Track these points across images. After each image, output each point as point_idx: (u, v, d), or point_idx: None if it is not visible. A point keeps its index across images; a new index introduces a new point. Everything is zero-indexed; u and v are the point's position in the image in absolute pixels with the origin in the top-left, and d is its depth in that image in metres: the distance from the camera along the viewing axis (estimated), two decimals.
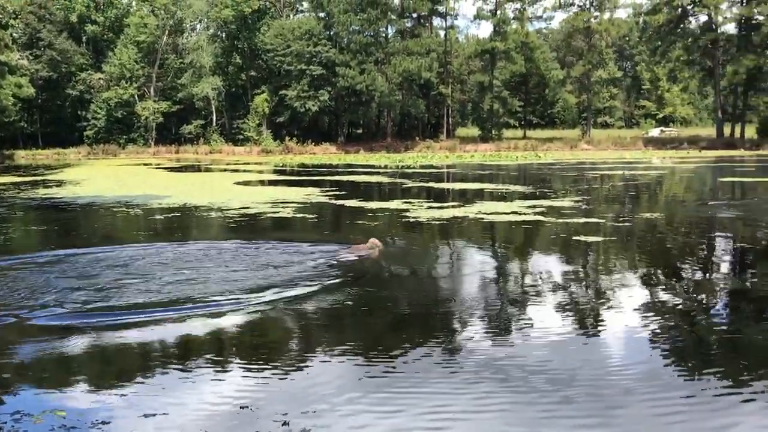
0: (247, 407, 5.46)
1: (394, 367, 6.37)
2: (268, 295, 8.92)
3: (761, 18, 69.66)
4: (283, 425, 5.09)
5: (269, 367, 6.49)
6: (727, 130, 75.10)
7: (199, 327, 7.67)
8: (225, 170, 43.82)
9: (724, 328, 7.73)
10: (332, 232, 15.59)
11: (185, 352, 6.95)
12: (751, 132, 74.03)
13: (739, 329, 7.63)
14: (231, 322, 7.91)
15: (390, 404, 5.49)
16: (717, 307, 8.79)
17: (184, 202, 22.11)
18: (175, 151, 74.23)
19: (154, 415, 5.33)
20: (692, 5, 73.49)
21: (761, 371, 6.13)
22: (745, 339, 7.26)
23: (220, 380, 6.16)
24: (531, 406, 5.46)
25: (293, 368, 6.43)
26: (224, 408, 5.48)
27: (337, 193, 25.58)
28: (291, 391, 5.82)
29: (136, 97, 74.78)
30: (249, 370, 6.43)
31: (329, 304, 8.66)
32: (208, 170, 45.29)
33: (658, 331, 7.49)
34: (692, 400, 5.53)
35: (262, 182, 33.13)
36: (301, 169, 46.00)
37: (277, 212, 18.92)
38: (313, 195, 24.46)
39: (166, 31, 76.46)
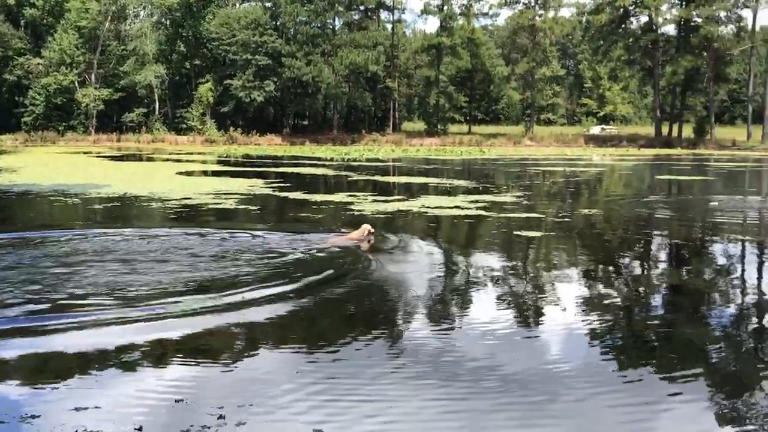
0: (183, 401, 5.38)
1: (335, 364, 6.32)
2: (220, 290, 8.80)
3: (699, 20, 71.60)
4: (218, 419, 5.02)
5: (208, 361, 6.40)
6: (665, 129, 77.13)
7: (136, 321, 7.48)
8: (167, 160, 43.08)
9: (658, 322, 7.92)
10: (276, 223, 15.43)
11: (121, 346, 6.77)
12: (687, 131, 76.10)
13: (675, 325, 7.81)
14: (172, 315, 7.74)
15: (331, 404, 5.44)
16: (653, 303, 9.02)
17: (124, 192, 21.65)
18: (117, 140, 72.35)
19: (86, 408, 5.21)
20: (634, 6, 75.13)
21: (697, 369, 6.25)
22: (677, 335, 7.45)
23: (156, 374, 6.04)
24: (473, 403, 5.47)
25: (232, 363, 6.35)
26: (159, 402, 5.38)
27: (282, 185, 25.39)
28: (228, 386, 5.74)
29: (76, 83, 72.80)
30: (187, 364, 6.32)
31: (273, 297, 8.56)
32: (149, 159, 44.47)
33: (598, 326, 7.62)
34: (638, 399, 5.59)
35: (205, 173, 32.67)
36: (245, 160, 45.56)
37: (220, 203, 18.68)
38: (257, 186, 24.24)
39: (109, 17, 74.56)
